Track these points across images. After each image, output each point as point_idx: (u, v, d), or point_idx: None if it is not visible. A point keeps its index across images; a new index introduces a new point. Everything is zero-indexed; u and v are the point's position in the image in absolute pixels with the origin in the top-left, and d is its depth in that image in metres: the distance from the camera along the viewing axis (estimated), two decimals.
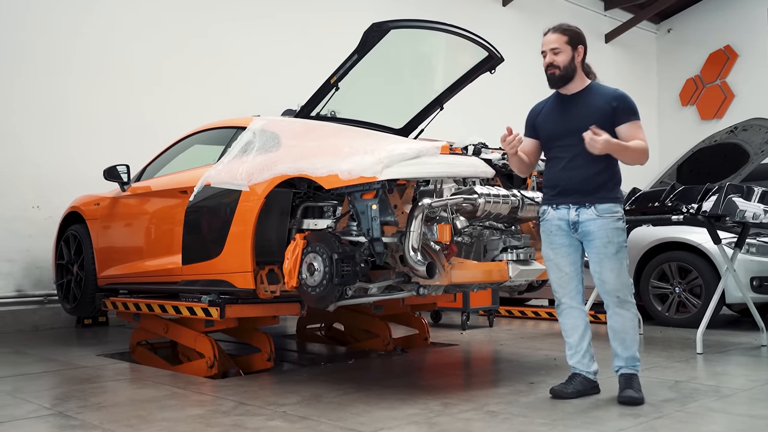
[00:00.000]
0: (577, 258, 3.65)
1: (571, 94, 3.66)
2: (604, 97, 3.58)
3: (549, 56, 3.59)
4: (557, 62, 3.59)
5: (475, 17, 10.73)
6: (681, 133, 13.63)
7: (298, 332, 6.31)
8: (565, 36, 3.61)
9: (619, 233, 3.56)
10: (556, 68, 3.59)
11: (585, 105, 3.60)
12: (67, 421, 3.27)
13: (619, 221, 3.56)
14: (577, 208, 3.57)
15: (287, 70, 8.73)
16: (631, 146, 3.46)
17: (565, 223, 3.60)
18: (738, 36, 13.59)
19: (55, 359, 5.06)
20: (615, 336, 3.61)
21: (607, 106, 3.53)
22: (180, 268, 4.56)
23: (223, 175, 4.31)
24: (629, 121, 3.52)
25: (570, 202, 3.58)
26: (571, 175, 3.57)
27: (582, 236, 3.59)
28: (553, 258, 3.67)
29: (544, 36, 3.65)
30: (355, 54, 4.32)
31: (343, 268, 3.51)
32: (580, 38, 3.65)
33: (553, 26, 3.66)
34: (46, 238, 6.73)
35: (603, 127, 3.43)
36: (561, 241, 3.63)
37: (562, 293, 3.69)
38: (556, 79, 3.62)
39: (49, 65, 7.19)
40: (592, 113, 3.54)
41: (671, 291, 6.69)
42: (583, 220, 3.55)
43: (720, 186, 5.19)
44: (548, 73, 3.62)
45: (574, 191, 3.57)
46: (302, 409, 3.42)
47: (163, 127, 7.31)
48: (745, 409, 3.41)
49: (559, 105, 3.69)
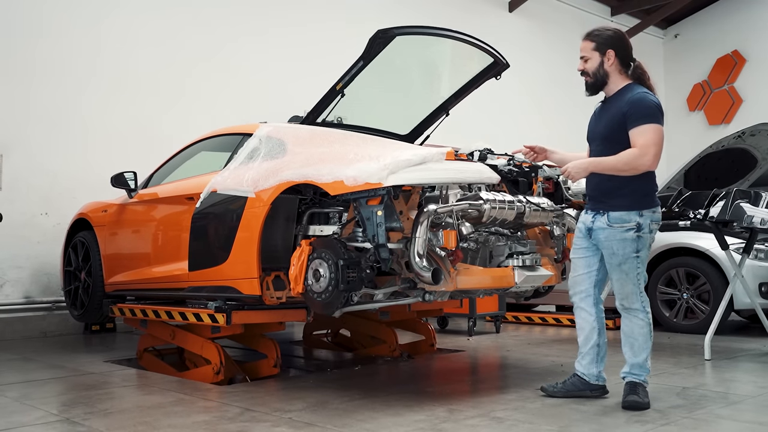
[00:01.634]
0: (594, 262, 3.70)
1: (606, 99, 3.71)
2: (622, 101, 3.56)
3: (580, 64, 3.67)
4: (587, 69, 3.66)
5: (482, 23, 10.75)
6: (688, 138, 13.57)
7: (305, 338, 6.31)
8: (592, 42, 3.64)
9: (627, 244, 3.52)
10: (587, 75, 3.67)
11: (609, 110, 3.64)
12: (74, 427, 3.28)
13: (628, 231, 3.51)
14: (594, 214, 3.65)
15: (296, 82, 8.73)
16: (607, 160, 3.49)
17: (584, 227, 3.70)
18: (746, 41, 13.54)
19: (62, 366, 5.08)
20: (625, 339, 3.66)
21: (619, 112, 3.54)
22: (186, 274, 4.57)
23: (229, 181, 4.33)
24: (634, 126, 3.49)
25: (590, 207, 3.70)
26: (591, 181, 3.66)
27: (595, 242, 3.67)
28: (573, 257, 3.80)
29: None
30: (361, 60, 4.34)
31: (349, 275, 3.51)
32: (610, 42, 3.62)
33: (587, 32, 3.70)
34: (54, 244, 6.77)
35: (614, 133, 3.54)
36: (580, 243, 3.75)
37: (573, 293, 3.80)
38: (589, 86, 3.69)
39: (60, 74, 7.23)
40: (610, 119, 3.59)
41: (679, 297, 6.66)
42: (596, 228, 3.62)
43: (727, 191, 5.17)
44: (584, 80, 3.69)
45: (592, 197, 3.68)
46: (308, 416, 3.42)
47: (171, 134, 7.34)
48: (753, 416, 3.39)
49: (599, 108, 3.77)
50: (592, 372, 3.73)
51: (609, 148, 3.53)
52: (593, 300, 3.74)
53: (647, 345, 3.61)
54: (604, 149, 3.56)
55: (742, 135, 6.45)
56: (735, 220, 5.03)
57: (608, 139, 3.57)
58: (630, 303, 3.60)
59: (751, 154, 6.66)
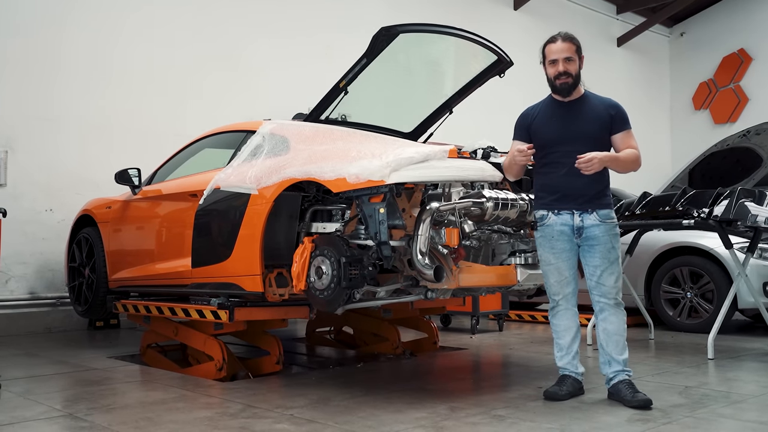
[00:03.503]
0: (575, 262, 3.73)
1: (568, 100, 3.68)
2: (602, 105, 3.67)
3: (562, 65, 3.61)
4: (571, 71, 3.62)
5: (487, 21, 10.74)
6: (694, 137, 13.55)
7: (308, 335, 6.33)
8: (574, 45, 3.66)
9: (618, 239, 3.70)
10: (569, 77, 3.62)
11: (586, 111, 3.65)
12: (77, 422, 3.30)
13: (616, 227, 3.70)
14: (581, 213, 3.64)
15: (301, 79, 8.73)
16: (621, 156, 3.61)
17: (569, 228, 3.66)
18: (752, 39, 13.48)
19: (66, 361, 5.10)
20: (609, 339, 3.66)
21: (605, 114, 3.62)
22: (190, 271, 4.58)
23: (232, 178, 4.34)
24: (624, 129, 3.65)
25: (573, 207, 3.65)
26: (574, 181, 3.61)
27: (584, 241, 3.66)
28: (554, 262, 3.71)
29: (551, 44, 3.65)
30: (364, 58, 4.33)
31: (351, 272, 3.52)
32: (581, 47, 3.73)
33: (561, 35, 3.67)
34: (59, 241, 6.81)
35: (602, 134, 3.62)
36: (563, 246, 3.68)
37: (561, 296, 3.75)
38: (569, 88, 3.65)
39: (66, 71, 7.25)
40: (593, 120, 3.63)
41: (683, 296, 6.65)
42: (588, 226, 3.63)
43: (732, 190, 5.15)
44: (559, 82, 3.63)
45: (577, 197, 3.63)
46: (309, 412, 3.43)
47: (175, 131, 7.36)
48: (756, 416, 3.38)
49: (557, 111, 3.71)
50: (579, 370, 3.78)
51: (594, 148, 3.57)
52: (576, 299, 3.80)
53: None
54: (587, 150, 3.55)
55: (747, 134, 6.43)
56: (739, 219, 5.01)
57: (598, 139, 3.62)
58: (620, 298, 3.68)
59: (756, 153, 6.64)
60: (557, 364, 3.81)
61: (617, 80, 12.85)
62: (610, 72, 12.91)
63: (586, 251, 3.66)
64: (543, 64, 3.71)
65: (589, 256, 3.65)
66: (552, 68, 3.64)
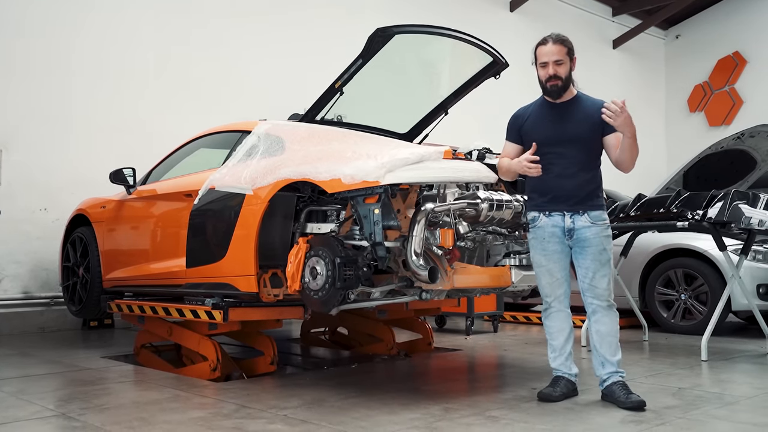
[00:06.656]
0: (567, 263, 3.73)
1: (560, 102, 3.68)
2: (594, 106, 3.64)
3: (552, 68, 3.60)
4: (560, 73, 3.61)
5: (483, 22, 10.74)
6: (689, 139, 13.59)
7: (302, 336, 6.32)
8: (565, 47, 3.64)
9: (610, 240, 3.68)
10: (558, 80, 3.61)
11: (578, 113, 3.65)
12: (70, 422, 3.29)
13: (608, 229, 3.68)
14: (572, 215, 3.64)
15: (296, 79, 8.74)
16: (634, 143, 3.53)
17: (560, 230, 3.66)
18: (747, 42, 13.54)
19: (59, 361, 5.08)
20: (602, 340, 3.66)
21: (597, 115, 3.57)
22: (184, 271, 4.58)
23: (227, 178, 4.33)
24: (616, 131, 3.60)
25: (564, 209, 3.65)
26: (565, 182, 3.62)
27: (575, 243, 3.65)
28: (545, 264, 3.71)
29: (542, 46, 3.64)
30: (360, 59, 4.33)
31: (346, 272, 3.51)
32: (573, 49, 3.70)
33: (552, 37, 3.66)
34: (53, 240, 6.77)
35: (593, 135, 3.61)
36: (554, 247, 3.68)
37: (553, 297, 3.75)
38: (559, 90, 3.64)
39: (60, 71, 7.24)
40: (584, 121, 3.62)
41: (677, 298, 6.66)
42: (579, 227, 3.62)
43: (726, 192, 5.16)
44: (549, 84, 3.63)
45: (568, 198, 3.63)
46: (303, 413, 3.43)
47: (170, 131, 7.33)
48: (749, 417, 3.39)
49: (548, 112, 3.71)
50: (573, 371, 3.78)
51: (586, 150, 3.61)
52: (568, 300, 3.79)
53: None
54: (578, 152, 3.58)
55: (742, 136, 6.44)
56: (733, 221, 5.03)
57: (589, 141, 3.63)
58: (612, 299, 3.68)
59: (750, 156, 6.65)
60: (551, 366, 3.82)
61: (613, 82, 12.89)
62: (606, 74, 12.94)
63: (577, 253, 3.66)
64: (535, 66, 3.72)
65: (581, 257, 3.65)
66: (542, 70, 3.64)
